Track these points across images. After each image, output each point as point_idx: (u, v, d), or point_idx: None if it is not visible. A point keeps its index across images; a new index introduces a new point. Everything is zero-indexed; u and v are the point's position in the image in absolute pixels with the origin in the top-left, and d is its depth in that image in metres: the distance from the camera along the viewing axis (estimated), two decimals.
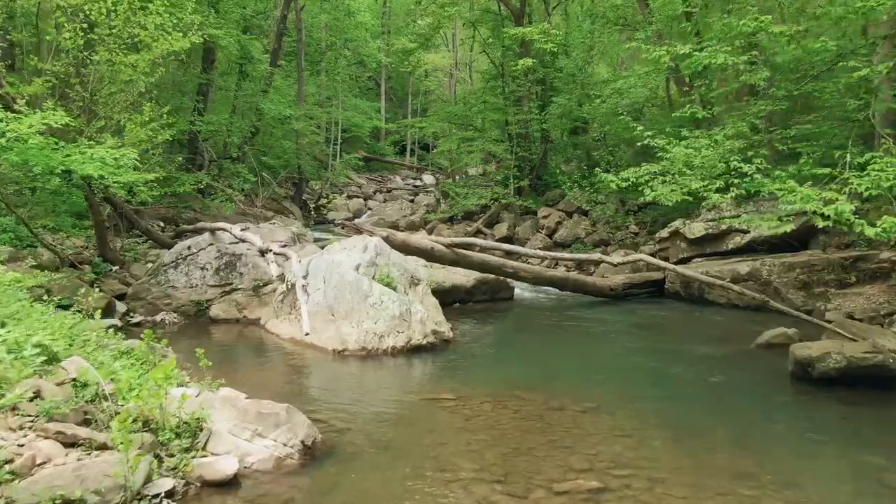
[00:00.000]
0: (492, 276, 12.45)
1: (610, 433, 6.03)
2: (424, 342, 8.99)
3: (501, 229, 20.15)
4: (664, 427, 6.30)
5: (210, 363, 5.79)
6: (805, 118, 12.55)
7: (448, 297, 12.46)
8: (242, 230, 11.31)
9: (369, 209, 32.83)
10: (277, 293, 10.36)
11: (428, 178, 43.34)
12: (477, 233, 20.67)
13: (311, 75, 36.29)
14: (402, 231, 24.26)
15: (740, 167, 9.30)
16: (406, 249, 11.22)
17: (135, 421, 4.42)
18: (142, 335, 6.11)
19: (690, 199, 10.16)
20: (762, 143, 11.41)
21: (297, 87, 30.87)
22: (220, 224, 11.84)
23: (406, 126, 31.09)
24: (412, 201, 34.90)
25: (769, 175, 9.05)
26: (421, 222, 26.23)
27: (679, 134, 11.03)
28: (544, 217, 20.43)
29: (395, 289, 9.61)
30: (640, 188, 10.74)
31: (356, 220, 31.50)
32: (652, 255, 14.43)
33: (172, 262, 11.18)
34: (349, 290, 9.22)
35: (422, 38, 24.37)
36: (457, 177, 29.84)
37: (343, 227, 11.35)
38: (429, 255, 11.47)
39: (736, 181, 9.53)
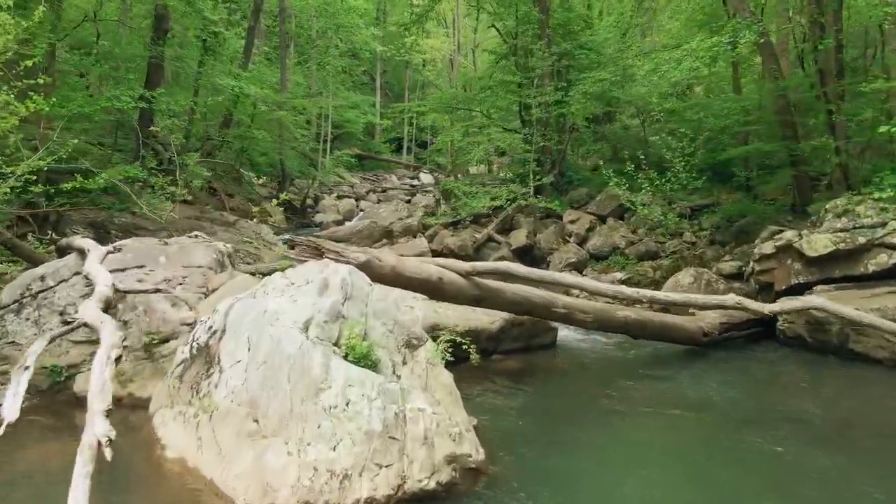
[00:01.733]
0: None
1: None
2: (432, 484, 4.32)
3: (519, 237, 15.49)
4: None
5: None
6: None
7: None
8: (113, 250, 6.63)
9: (361, 210, 28.15)
10: (176, 362, 5.68)
11: (425, 178, 38.70)
12: (488, 240, 16.04)
13: (298, 64, 31.55)
14: (397, 236, 19.67)
15: None
16: (398, 281, 6.58)
17: None
18: None
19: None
20: None
21: (280, 74, 26.17)
22: (79, 241, 7.08)
23: (401, 112, 26.05)
24: (409, 202, 30.25)
25: None
26: (419, 226, 21.55)
27: None
28: (571, 221, 15.80)
29: (376, 364, 4.98)
30: None
31: (346, 223, 26.86)
32: (748, 277, 9.83)
33: (13, 302, 6.48)
34: (288, 371, 4.60)
35: (421, 9, 19.65)
36: (458, 175, 25.06)
37: (295, 249, 6.47)
38: (435, 290, 6.80)
39: None
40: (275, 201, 15.29)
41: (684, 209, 14.31)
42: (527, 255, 15.29)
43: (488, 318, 7.89)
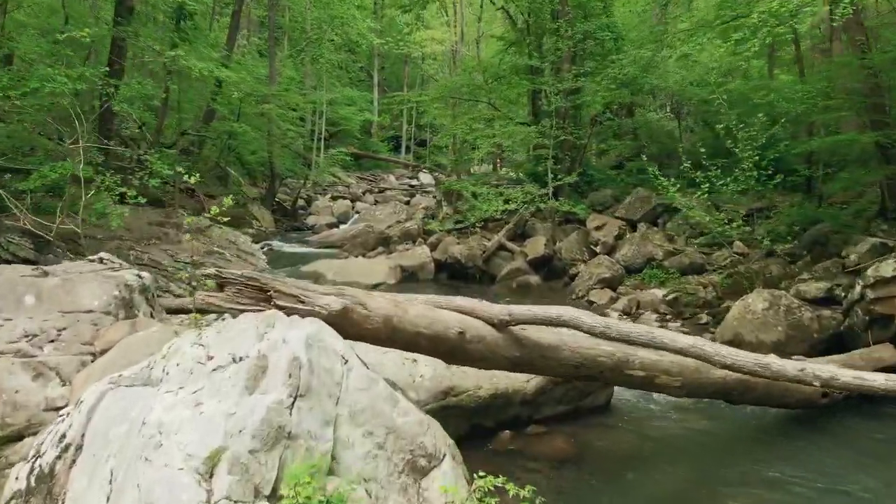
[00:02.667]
0: None
1: None
2: None
3: (536, 246, 12.98)
4: None
5: None
6: None
7: (487, 419, 5.39)
8: None
9: (357, 213, 25.62)
10: (6, 494, 3.20)
11: (425, 178, 36.16)
12: (499, 249, 13.54)
13: (290, 57, 29.00)
14: (395, 243, 17.16)
15: None
16: (397, 339, 4.06)
17: None
18: None
19: None
20: None
21: (269, 65, 23.62)
22: None
23: (399, 103, 23.33)
24: (408, 203, 27.74)
25: None
26: (419, 231, 19.06)
27: None
28: (597, 228, 13.29)
29: None
30: None
31: (341, 226, 24.35)
32: (851, 305, 7.34)
33: None
34: None
35: None
36: (460, 175, 22.57)
37: (224, 290, 3.87)
38: (453, 350, 4.23)
39: None
40: (215, 209, 12.73)
41: (731, 213, 11.80)
42: (544, 267, 12.81)
43: (522, 375, 5.40)
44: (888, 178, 9.24)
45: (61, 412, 3.41)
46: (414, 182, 34.66)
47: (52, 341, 4.13)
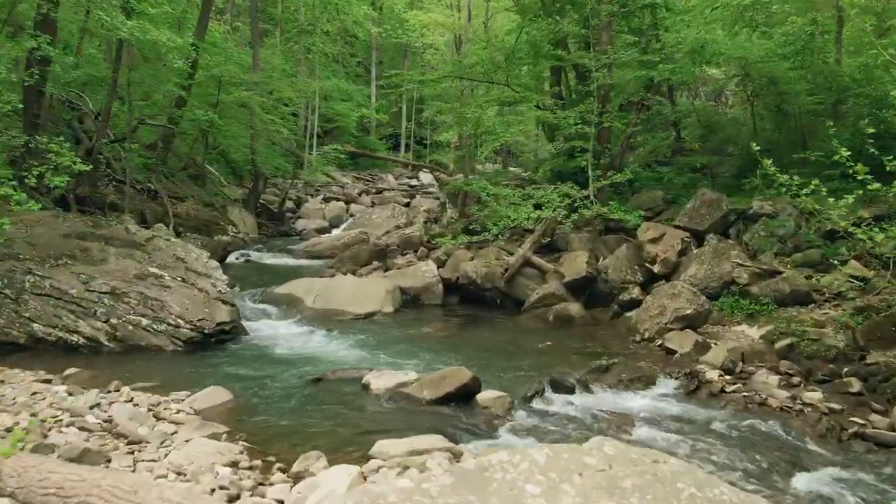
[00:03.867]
0: None
1: None
2: None
3: (575, 263, 9.72)
4: None
5: None
6: None
7: None
8: None
9: (351, 216, 22.39)
10: None
11: (425, 177, 32.94)
12: (523, 265, 10.32)
13: (281, 46, 25.72)
14: (394, 254, 13.96)
15: None
16: None
17: None
18: None
19: None
20: None
21: (253, 51, 20.36)
22: None
23: (400, 83, 19.63)
24: (408, 205, 24.53)
25: None
26: (421, 240, 15.88)
27: None
28: (652, 240, 10.02)
29: None
30: None
31: (333, 231, 21.11)
32: None
33: None
34: None
35: None
36: (468, 174, 19.34)
37: None
38: None
39: None
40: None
41: (824, 222, 8.58)
42: (585, 290, 9.59)
43: None
44: None
45: None
46: (414, 182, 31.44)
47: None
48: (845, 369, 6.34)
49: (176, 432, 4.56)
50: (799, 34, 9.70)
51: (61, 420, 4.61)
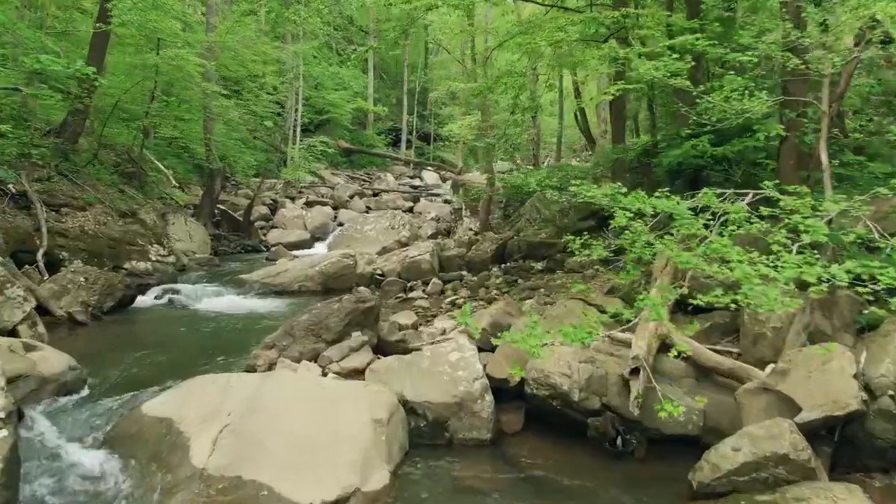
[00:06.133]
0: None
1: None
2: None
3: (824, 378, 4.17)
4: None
5: None
6: None
7: None
8: None
9: (340, 225, 16.85)
10: None
11: (429, 177, 27.44)
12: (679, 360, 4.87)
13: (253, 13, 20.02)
14: (399, 304, 8.32)
15: None
16: None
17: None
18: None
19: None
20: None
21: (207, 8, 14.73)
22: None
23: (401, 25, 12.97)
24: (410, 210, 19.04)
25: None
26: (431, 269, 10.50)
27: None
28: None
29: None
30: None
31: (316, 246, 15.62)
32: None
33: None
34: None
35: None
36: (489, 175, 13.65)
37: None
38: None
39: None
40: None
41: None
42: (835, 440, 4.09)
43: None
44: None
45: None
46: (417, 182, 25.95)
47: None
48: None
49: None
50: None
51: None
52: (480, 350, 5.17)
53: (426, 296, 9.29)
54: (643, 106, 13.87)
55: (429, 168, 29.00)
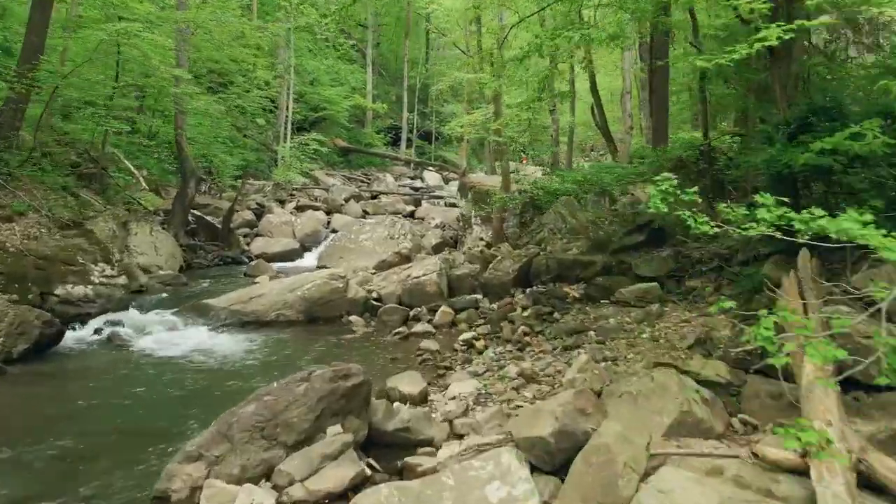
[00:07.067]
0: None
1: None
2: None
3: None
4: None
5: None
6: None
7: None
8: None
9: (332, 232, 14.76)
10: None
11: (431, 178, 25.33)
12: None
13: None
14: (396, 344, 5.95)
15: None
16: None
17: None
18: None
19: None
20: None
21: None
22: None
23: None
24: (412, 215, 16.96)
25: None
26: (439, 292, 8.39)
27: None
28: None
29: None
30: None
31: (305, 256, 13.56)
32: None
33: None
34: None
35: None
36: (505, 176, 11.46)
37: None
38: None
39: None
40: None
41: None
42: None
43: None
44: None
45: None
46: (418, 184, 23.82)
47: None
48: None
49: None
50: None
51: None
52: (534, 469, 3.09)
53: (434, 329, 7.22)
54: (680, 98, 11.82)
55: (430, 168, 26.89)
